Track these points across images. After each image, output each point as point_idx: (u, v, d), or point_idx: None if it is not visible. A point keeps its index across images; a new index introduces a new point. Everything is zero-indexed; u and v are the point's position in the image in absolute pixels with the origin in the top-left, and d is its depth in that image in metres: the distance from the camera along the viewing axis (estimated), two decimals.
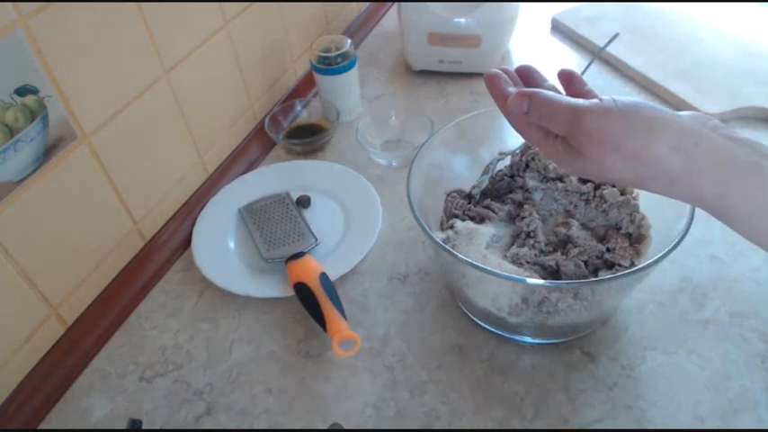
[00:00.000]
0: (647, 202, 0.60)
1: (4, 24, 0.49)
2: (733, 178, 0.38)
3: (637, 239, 0.59)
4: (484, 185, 0.65)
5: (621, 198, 0.60)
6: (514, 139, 0.67)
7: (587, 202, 0.62)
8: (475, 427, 0.54)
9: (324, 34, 1.00)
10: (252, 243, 0.71)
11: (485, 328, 0.61)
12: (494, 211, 0.63)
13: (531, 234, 0.60)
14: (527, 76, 0.47)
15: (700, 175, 0.38)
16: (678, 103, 0.85)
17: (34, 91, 0.53)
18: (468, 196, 0.66)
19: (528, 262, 0.58)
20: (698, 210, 0.53)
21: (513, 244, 0.61)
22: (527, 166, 0.65)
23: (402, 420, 0.55)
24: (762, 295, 0.61)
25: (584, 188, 0.62)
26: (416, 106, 0.92)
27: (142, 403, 0.58)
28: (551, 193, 0.63)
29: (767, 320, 0.59)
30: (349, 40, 0.86)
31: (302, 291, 0.62)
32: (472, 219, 0.63)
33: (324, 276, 0.63)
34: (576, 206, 0.62)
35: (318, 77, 0.86)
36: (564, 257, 0.57)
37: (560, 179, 0.63)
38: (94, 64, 0.59)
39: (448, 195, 0.66)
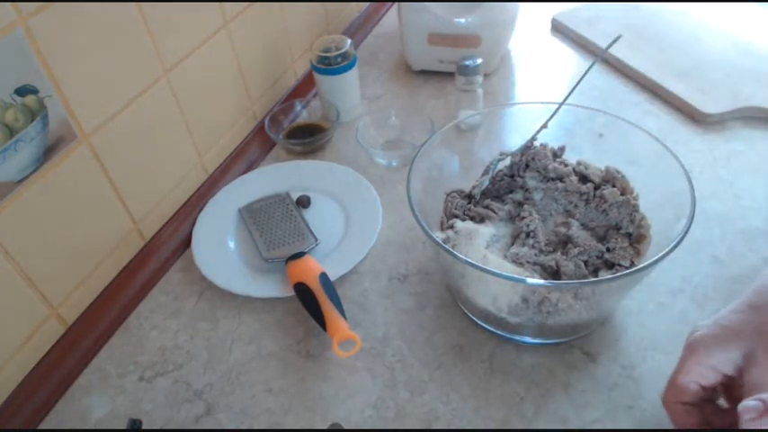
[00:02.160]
0: (647, 202, 0.60)
1: (4, 24, 0.49)
2: None
3: (637, 239, 0.59)
4: (484, 185, 0.65)
5: (621, 198, 0.60)
6: (514, 139, 0.67)
7: (587, 202, 0.62)
8: (475, 427, 0.54)
9: (324, 34, 1.00)
10: (252, 243, 0.71)
11: (485, 328, 0.61)
12: (494, 211, 0.63)
13: (531, 234, 0.60)
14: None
15: None
16: (678, 103, 0.85)
17: (34, 91, 0.53)
18: (469, 196, 0.66)
19: (528, 262, 0.58)
20: (698, 210, 0.54)
21: (513, 244, 0.61)
22: (527, 166, 0.65)
23: (402, 420, 0.55)
24: None
25: (584, 188, 0.62)
26: (416, 106, 0.92)
27: (142, 403, 0.58)
28: (551, 193, 0.63)
29: None
30: (349, 40, 0.86)
31: (302, 291, 0.62)
32: (472, 219, 0.63)
33: (324, 276, 0.63)
34: (576, 206, 0.62)
35: (318, 77, 0.86)
36: (564, 257, 0.57)
37: (560, 179, 0.63)
38: (94, 64, 0.59)
39: (448, 195, 0.66)
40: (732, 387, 0.45)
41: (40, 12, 0.52)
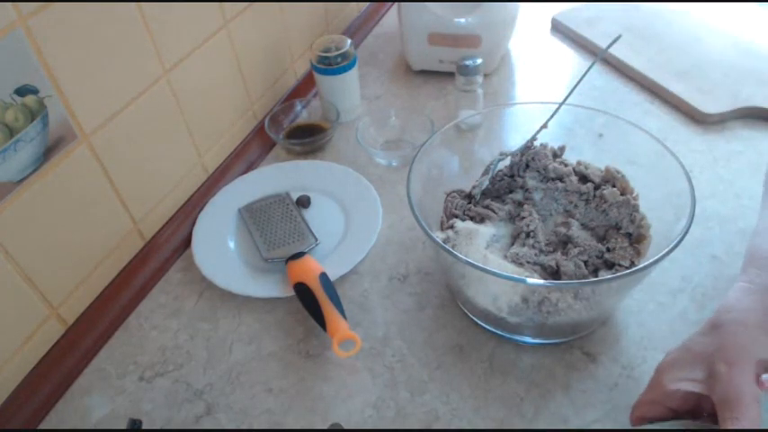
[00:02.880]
0: (647, 202, 0.60)
1: (4, 24, 0.49)
2: None
3: (637, 239, 0.59)
4: (484, 185, 0.65)
5: (621, 198, 0.60)
6: (514, 139, 0.67)
7: (587, 202, 0.62)
8: (475, 427, 0.54)
9: (324, 34, 1.00)
10: (252, 243, 0.71)
11: (485, 328, 0.61)
12: (494, 211, 0.63)
13: (531, 234, 0.60)
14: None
15: None
16: (678, 103, 0.85)
17: (34, 91, 0.53)
18: (469, 196, 0.66)
19: (528, 262, 0.58)
20: (698, 210, 0.54)
21: (513, 244, 0.61)
22: (527, 166, 0.65)
23: (402, 420, 0.55)
24: None
25: (583, 188, 0.62)
26: (416, 106, 0.92)
27: (142, 403, 0.58)
28: (551, 193, 0.63)
29: None
30: (349, 40, 0.86)
31: (302, 291, 0.62)
32: (472, 219, 0.63)
33: (324, 276, 0.62)
34: (576, 206, 0.62)
35: (318, 77, 0.86)
36: (564, 257, 0.57)
37: (560, 179, 0.63)
38: (94, 64, 0.59)
39: (448, 195, 0.66)
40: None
41: (40, 12, 0.52)
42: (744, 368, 0.41)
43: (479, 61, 0.79)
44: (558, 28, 1.06)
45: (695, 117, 0.83)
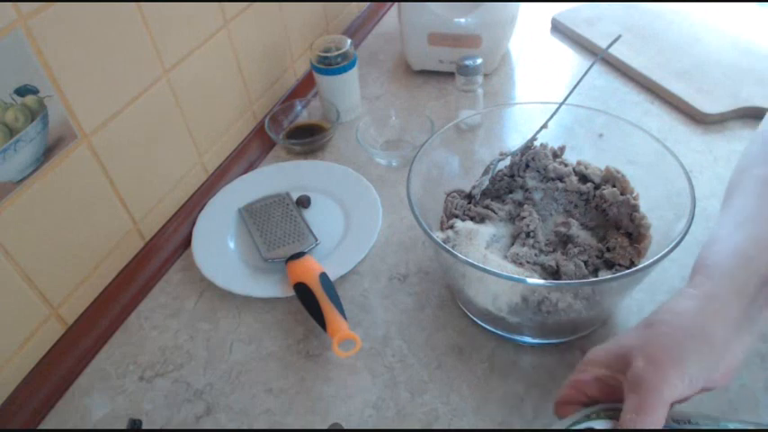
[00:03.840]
0: (647, 202, 0.60)
1: (4, 24, 0.49)
2: None
3: (637, 239, 0.59)
4: (484, 185, 0.65)
5: (621, 198, 0.60)
6: (514, 139, 0.67)
7: (587, 201, 0.62)
8: (475, 427, 0.54)
9: (324, 34, 1.00)
10: (252, 243, 0.71)
11: (485, 328, 0.61)
12: (494, 211, 0.63)
13: (531, 234, 0.60)
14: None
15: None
16: (678, 103, 0.85)
17: (34, 91, 0.53)
18: (469, 196, 0.66)
19: (528, 262, 0.58)
20: (698, 209, 0.54)
21: (513, 244, 0.61)
22: (527, 166, 0.65)
23: (402, 420, 0.55)
24: None
25: (583, 188, 0.62)
26: (416, 106, 0.92)
27: (142, 403, 0.58)
28: (551, 193, 0.63)
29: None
30: (349, 40, 0.86)
31: (302, 291, 0.62)
32: (472, 219, 0.63)
33: (324, 276, 0.62)
34: (576, 206, 0.62)
35: (318, 77, 0.86)
36: (564, 257, 0.58)
37: (560, 179, 0.63)
38: (94, 64, 0.59)
39: (448, 195, 0.66)
40: None
41: (40, 12, 0.52)
42: (661, 368, 0.40)
43: (479, 61, 0.79)
44: (558, 28, 1.06)
45: (695, 117, 0.83)
